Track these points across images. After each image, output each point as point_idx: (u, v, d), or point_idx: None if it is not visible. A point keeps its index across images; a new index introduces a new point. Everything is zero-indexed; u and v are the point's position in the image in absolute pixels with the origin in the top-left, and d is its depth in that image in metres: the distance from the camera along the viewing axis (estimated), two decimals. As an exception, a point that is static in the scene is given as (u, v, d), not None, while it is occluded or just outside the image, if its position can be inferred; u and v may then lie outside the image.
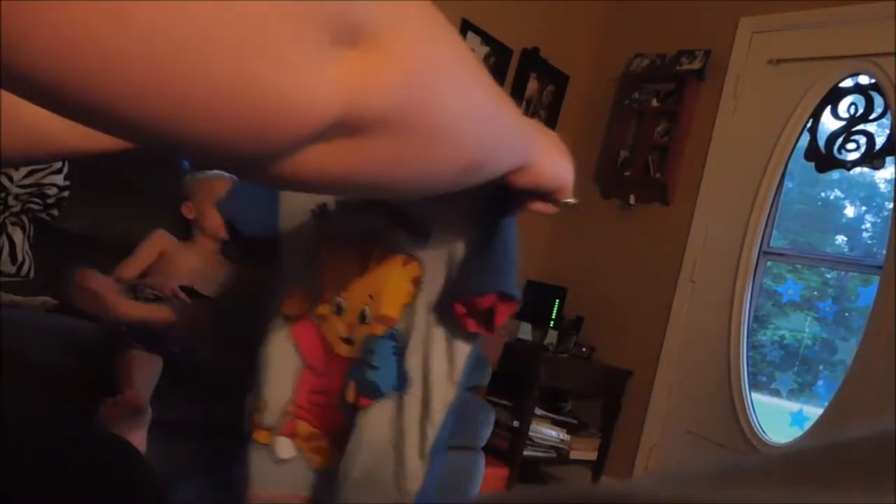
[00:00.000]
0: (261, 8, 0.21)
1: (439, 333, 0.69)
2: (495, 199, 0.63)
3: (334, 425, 0.74)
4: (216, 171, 1.91)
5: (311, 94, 0.24)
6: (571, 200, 0.58)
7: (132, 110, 0.21)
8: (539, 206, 0.58)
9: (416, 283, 0.70)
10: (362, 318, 0.73)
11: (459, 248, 0.67)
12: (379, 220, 0.73)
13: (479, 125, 0.37)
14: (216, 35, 0.20)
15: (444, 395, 0.69)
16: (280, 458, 0.76)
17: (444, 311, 0.68)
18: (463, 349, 0.69)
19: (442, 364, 0.69)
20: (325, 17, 0.23)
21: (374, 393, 0.71)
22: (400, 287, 0.70)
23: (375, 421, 0.70)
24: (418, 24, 0.29)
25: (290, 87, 0.23)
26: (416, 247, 0.70)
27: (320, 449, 0.76)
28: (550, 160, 0.51)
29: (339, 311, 0.75)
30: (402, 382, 0.70)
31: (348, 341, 0.74)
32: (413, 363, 0.70)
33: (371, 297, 0.72)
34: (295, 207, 0.77)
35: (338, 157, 0.29)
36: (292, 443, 0.76)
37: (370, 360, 0.71)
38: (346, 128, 0.27)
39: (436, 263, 0.69)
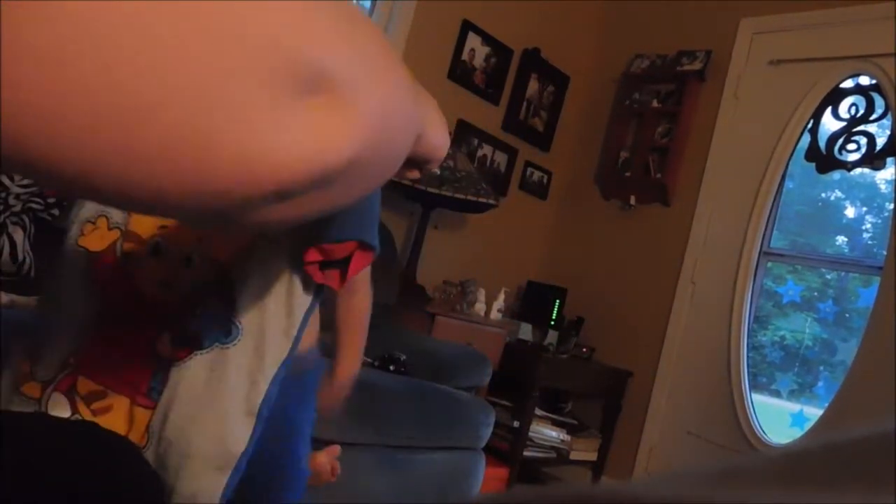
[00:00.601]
0: (223, 63, 0.20)
1: (280, 284, 0.63)
2: None
3: (137, 383, 0.65)
4: None
5: (278, 151, 0.23)
6: (431, 167, 0.55)
7: (86, 172, 0.20)
8: (410, 173, 0.56)
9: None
10: (187, 263, 0.66)
11: None
12: None
13: (411, 134, 0.37)
14: (177, 94, 0.19)
15: (278, 349, 0.63)
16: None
17: (288, 260, 0.62)
18: (303, 302, 0.63)
19: (280, 316, 0.63)
20: (285, 65, 0.22)
21: (195, 344, 0.63)
22: (236, 234, 0.64)
23: (193, 375, 0.63)
24: (372, 56, 0.28)
25: (254, 143, 0.22)
26: None
27: (108, 409, 0.65)
28: (437, 128, 0.49)
29: (155, 251, 0.66)
30: (227, 333, 0.63)
31: (165, 286, 0.66)
32: (244, 313, 0.63)
33: (200, 239, 0.65)
34: None
35: (300, 207, 0.28)
36: (66, 400, 0.65)
37: (194, 309, 0.64)
38: (313, 185, 0.27)
39: None
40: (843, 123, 2.85)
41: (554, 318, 3.24)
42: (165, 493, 0.62)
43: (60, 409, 0.64)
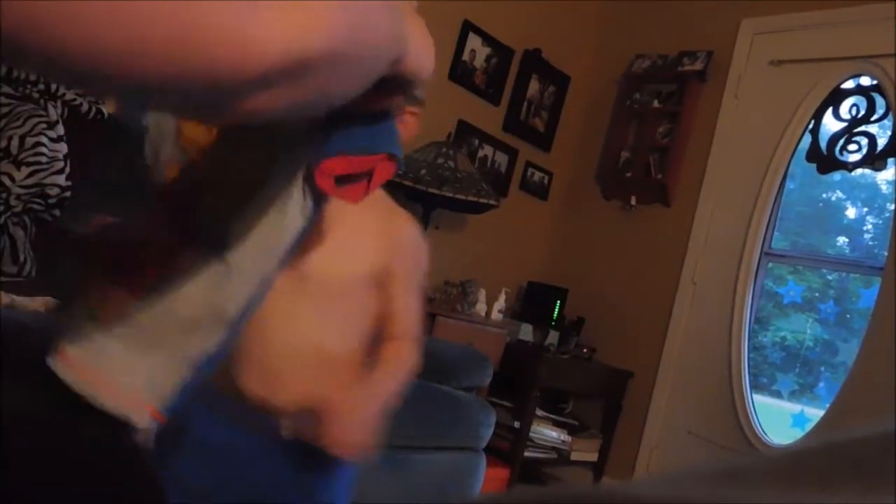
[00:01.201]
0: None
1: (284, 203, 0.60)
2: None
3: (144, 282, 0.63)
4: None
5: (259, 37, 0.26)
6: (419, 94, 0.54)
7: (89, 53, 0.23)
8: (395, 98, 0.55)
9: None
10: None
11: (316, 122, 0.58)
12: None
13: (391, 40, 0.40)
14: None
15: (263, 263, 0.61)
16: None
17: (292, 174, 0.61)
18: (296, 222, 0.61)
19: (272, 229, 0.60)
20: None
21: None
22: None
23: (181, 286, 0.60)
24: None
25: (240, 30, 0.25)
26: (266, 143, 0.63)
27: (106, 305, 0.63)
28: (420, 48, 0.48)
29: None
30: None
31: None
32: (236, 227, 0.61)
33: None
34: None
35: (286, 95, 0.31)
36: None
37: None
38: (293, 72, 0.29)
39: (292, 132, 0.61)
40: (844, 124, 2.85)
41: (555, 318, 3.24)
42: (165, 495, 0.62)
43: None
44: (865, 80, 2.82)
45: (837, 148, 2.84)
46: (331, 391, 1.01)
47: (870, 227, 3.22)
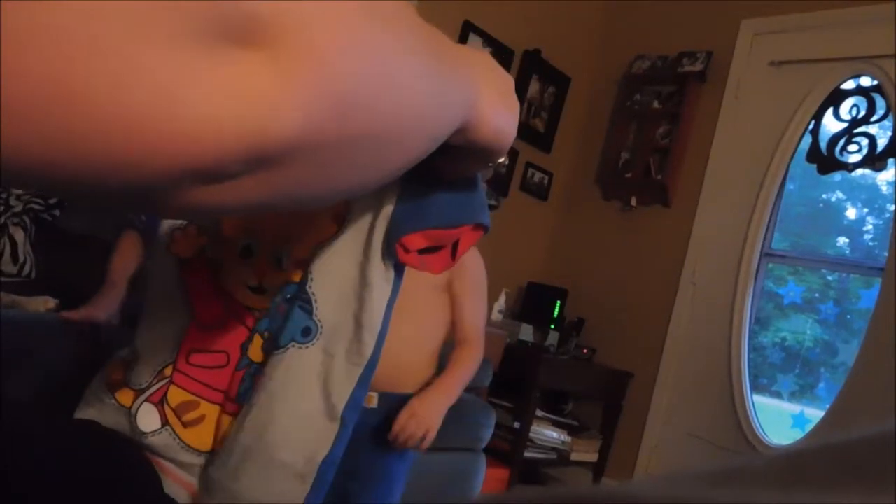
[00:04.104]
0: (124, 23, 0.16)
1: (369, 274, 0.59)
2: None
3: (230, 389, 0.63)
4: None
5: (194, 115, 0.19)
6: (502, 160, 0.49)
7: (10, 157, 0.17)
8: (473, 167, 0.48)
9: (338, 219, 0.60)
10: (278, 264, 0.63)
11: (389, 185, 0.56)
12: None
13: (422, 114, 0.30)
14: (64, 47, 0.16)
15: (366, 349, 0.59)
16: (141, 431, 0.62)
17: (375, 250, 0.59)
18: (385, 294, 0.59)
19: (365, 312, 0.59)
20: (203, 15, 0.18)
21: (281, 346, 0.60)
22: (320, 226, 0.61)
23: (270, 376, 0.59)
24: (340, 8, 0.22)
25: (163, 107, 0.18)
26: None
27: (200, 420, 0.63)
28: (497, 114, 0.41)
29: (247, 253, 0.64)
30: (307, 333, 0.60)
31: (259, 290, 0.63)
32: (325, 310, 0.60)
33: (288, 239, 0.63)
34: None
35: (241, 191, 0.23)
36: (157, 413, 0.63)
37: (283, 308, 0.61)
38: (254, 163, 0.21)
39: (360, 200, 0.59)
40: (844, 124, 2.85)
41: (554, 319, 3.24)
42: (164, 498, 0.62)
43: (149, 420, 0.62)
44: (865, 81, 2.82)
45: (837, 148, 2.84)
46: (410, 387, 1.24)
47: (870, 227, 3.22)
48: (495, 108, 0.41)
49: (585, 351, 3.19)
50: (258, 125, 0.20)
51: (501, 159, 0.46)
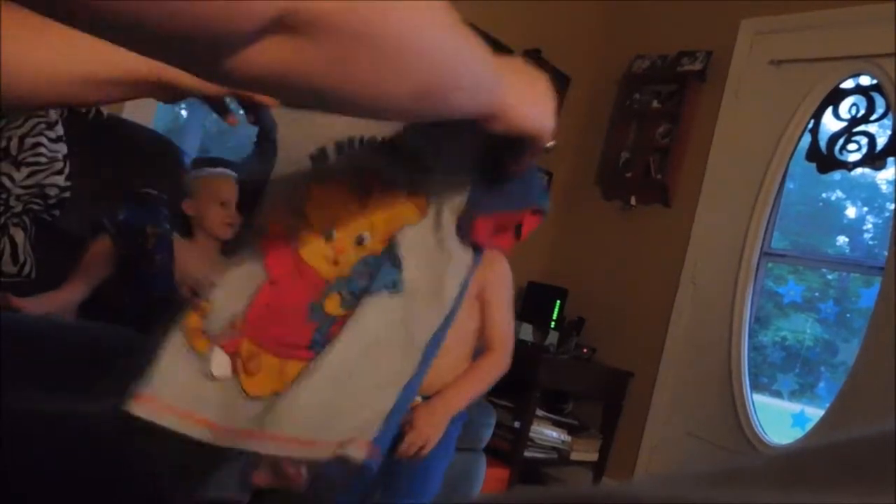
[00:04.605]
0: None
1: (450, 247, 0.69)
2: (490, 141, 0.64)
3: (295, 339, 0.69)
4: (220, 171, 1.90)
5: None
6: (550, 144, 0.58)
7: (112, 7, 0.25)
8: (514, 163, 0.59)
9: (422, 210, 0.71)
10: (359, 241, 0.72)
11: (461, 181, 0.69)
12: (378, 157, 0.73)
13: (432, 46, 0.37)
14: None
15: (445, 306, 0.69)
16: (213, 375, 0.69)
17: (452, 231, 0.69)
18: (463, 265, 0.69)
19: (446, 277, 0.69)
20: None
21: (371, 292, 0.69)
22: (404, 214, 0.71)
23: (365, 318, 0.67)
24: None
25: None
26: (417, 181, 0.71)
27: (257, 370, 0.69)
28: (525, 104, 0.49)
29: (328, 237, 0.73)
30: (398, 283, 0.69)
31: (335, 262, 0.72)
32: (410, 274, 0.69)
33: (373, 226, 0.72)
34: (294, 154, 0.77)
35: (281, 55, 0.31)
36: (229, 361, 0.69)
37: (365, 273, 0.70)
38: (286, 27, 0.30)
39: (437, 194, 0.70)
40: (844, 123, 2.85)
41: (554, 318, 3.23)
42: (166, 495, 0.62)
43: (222, 367, 0.68)
44: (865, 80, 2.82)
45: (837, 147, 2.84)
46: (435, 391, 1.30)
47: (870, 226, 3.22)
48: (525, 99, 0.47)
49: (585, 350, 3.19)
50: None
51: (550, 143, 0.56)
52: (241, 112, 0.80)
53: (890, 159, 2.73)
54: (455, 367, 1.35)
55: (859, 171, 2.86)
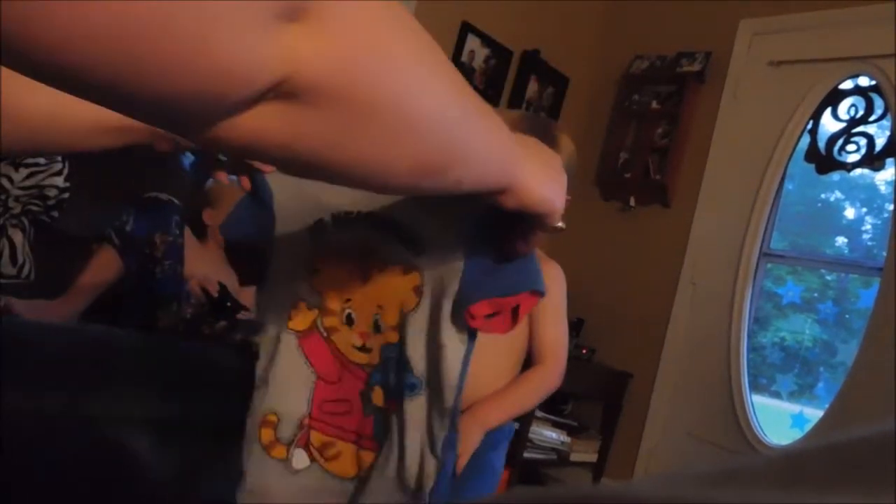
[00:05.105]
0: None
1: (442, 337, 0.71)
2: (491, 218, 0.63)
3: (361, 430, 0.78)
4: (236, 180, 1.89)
5: (252, 60, 0.27)
6: (560, 225, 0.57)
7: (93, 68, 0.23)
8: (527, 235, 0.58)
9: (418, 291, 0.73)
10: (376, 328, 0.76)
11: (456, 258, 0.70)
12: (374, 232, 0.74)
13: (436, 122, 0.36)
14: (178, 2, 0.23)
15: (449, 396, 0.72)
16: (295, 469, 0.78)
17: (446, 318, 0.71)
18: (460, 351, 0.72)
19: (445, 368, 0.72)
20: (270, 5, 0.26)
21: (397, 396, 0.74)
22: (403, 296, 0.74)
23: (404, 423, 0.74)
24: (368, 6, 0.30)
25: (234, 53, 0.26)
26: (412, 257, 0.73)
27: (338, 455, 0.78)
28: (538, 182, 0.48)
29: (349, 322, 0.78)
30: (412, 388, 0.74)
31: (365, 349, 0.77)
32: (419, 368, 0.73)
33: (380, 307, 0.75)
34: (292, 225, 0.79)
35: (276, 122, 0.30)
36: (305, 453, 0.78)
37: (391, 366, 0.75)
38: (283, 94, 0.29)
39: (432, 272, 0.72)
40: (843, 124, 2.85)
41: (554, 319, 3.23)
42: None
43: (300, 459, 0.78)
44: (864, 81, 2.82)
45: (836, 148, 2.84)
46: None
47: (868, 227, 3.22)
48: (538, 177, 0.48)
49: (585, 351, 3.19)
50: (290, 67, 0.28)
51: (559, 224, 0.56)
52: (233, 178, 0.82)
53: (889, 160, 2.73)
54: (495, 381, 1.32)
55: (858, 171, 2.86)
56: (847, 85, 2.87)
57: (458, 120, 0.38)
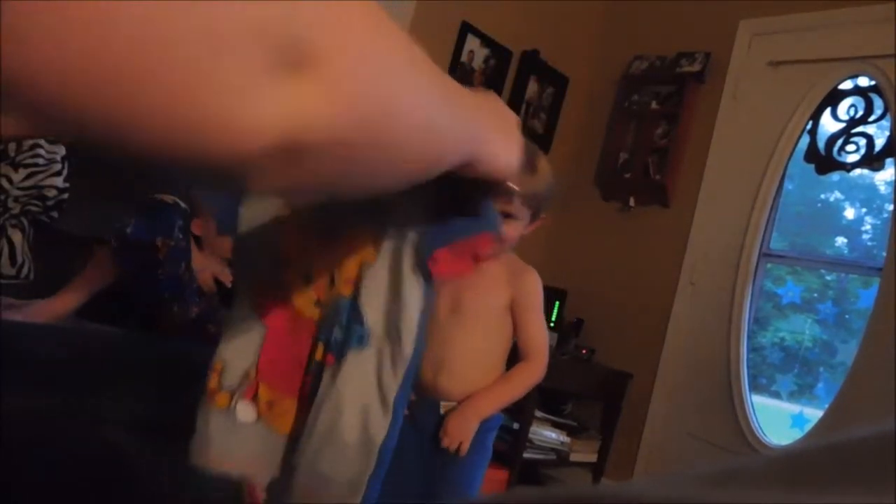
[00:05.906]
0: (211, 41, 0.22)
1: (401, 289, 0.73)
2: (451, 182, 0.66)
3: (303, 388, 0.77)
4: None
5: (250, 118, 0.25)
6: (513, 186, 0.61)
7: (82, 117, 0.22)
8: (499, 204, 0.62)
9: (377, 246, 0.74)
10: (331, 282, 0.77)
11: (417, 220, 0.72)
12: (339, 204, 0.76)
13: (426, 135, 0.37)
14: (169, 54, 0.22)
15: (406, 349, 0.73)
16: (241, 422, 0.77)
17: (407, 267, 0.73)
18: (420, 300, 0.73)
19: (405, 317, 0.73)
20: (270, 44, 0.24)
21: (340, 349, 0.74)
22: (363, 253, 0.75)
23: (343, 376, 0.73)
24: (362, 40, 0.29)
25: (230, 111, 0.24)
26: (378, 221, 0.75)
27: (284, 412, 0.77)
28: (501, 149, 0.50)
29: (307, 280, 0.78)
30: (360, 340, 0.74)
31: (319, 304, 0.78)
32: (373, 318, 0.74)
33: (339, 265, 0.77)
34: (257, 213, 0.81)
35: (282, 173, 0.30)
36: (253, 406, 0.77)
37: (339, 319, 0.75)
38: (286, 152, 0.28)
39: (397, 229, 0.74)
40: (842, 125, 2.85)
41: (554, 319, 3.23)
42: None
43: (248, 414, 0.77)
44: (863, 81, 2.83)
45: (836, 148, 2.84)
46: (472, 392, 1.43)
47: (868, 227, 3.22)
48: (501, 145, 0.49)
49: (584, 351, 3.19)
50: (291, 126, 0.27)
51: (513, 186, 0.58)
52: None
53: (888, 160, 2.73)
54: (484, 377, 1.47)
55: (858, 172, 2.87)
56: (847, 85, 2.87)
57: (443, 121, 0.39)
